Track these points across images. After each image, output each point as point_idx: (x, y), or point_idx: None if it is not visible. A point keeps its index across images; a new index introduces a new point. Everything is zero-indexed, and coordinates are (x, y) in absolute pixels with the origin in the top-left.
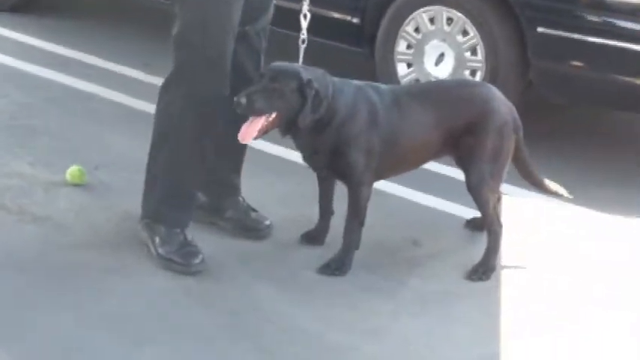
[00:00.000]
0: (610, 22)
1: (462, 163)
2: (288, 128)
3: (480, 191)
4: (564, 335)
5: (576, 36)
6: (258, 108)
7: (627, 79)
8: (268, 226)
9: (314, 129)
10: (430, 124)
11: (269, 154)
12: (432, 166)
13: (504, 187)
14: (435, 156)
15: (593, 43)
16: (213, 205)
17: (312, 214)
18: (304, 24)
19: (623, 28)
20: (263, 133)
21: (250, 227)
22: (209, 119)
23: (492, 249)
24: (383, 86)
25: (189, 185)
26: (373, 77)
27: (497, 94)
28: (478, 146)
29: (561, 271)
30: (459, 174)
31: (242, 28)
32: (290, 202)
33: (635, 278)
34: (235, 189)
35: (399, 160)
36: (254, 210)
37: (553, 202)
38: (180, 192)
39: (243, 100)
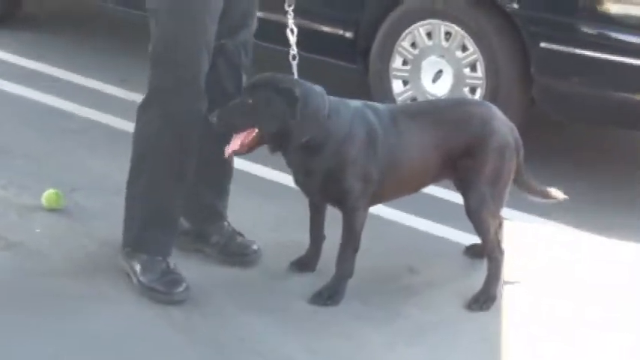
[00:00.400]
0: (616, 37)
1: (461, 187)
2: (276, 145)
3: (480, 216)
4: None
5: (581, 51)
6: (232, 124)
7: (634, 96)
8: (256, 251)
9: (307, 149)
10: (429, 146)
11: (257, 176)
12: (428, 189)
13: (504, 211)
14: (433, 179)
15: (599, 59)
16: (197, 231)
17: (302, 239)
18: (292, 39)
19: (630, 44)
20: (248, 150)
21: (236, 253)
22: (187, 140)
23: (493, 277)
24: (380, 106)
25: (170, 210)
26: (367, 95)
27: (497, 114)
28: (478, 168)
29: (562, 296)
30: (456, 197)
31: (218, 42)
32: (279, 226)
33: (634, 301)
34: (220, 215)
35: (397, 185)
36: (240, 234)
37: (553, 226)
38: (161, 217)
39: (214, 118)
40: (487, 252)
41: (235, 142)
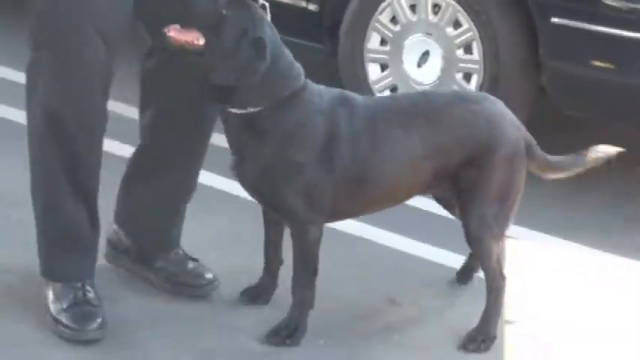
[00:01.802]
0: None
1: (459, 204)
2: (217, 93)
3: (483, 241)
4: None
5: (602, 29)
6: (190, 17)
7: None
8: (211, 282)
9: (249, 120)
10: (416, 154)
11: (210, 187)
12: (411, 201)
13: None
14: (419, 193)
15: (625, 38)
16: (139, 252)
17: (255, 264)
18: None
19: None
20: (178, 47)
21: (185, 283)
22: (73, 142)
23: (493, 310)
24: (358, 99)
25: (75, 228)
26: (335, 82)
27: (506, 112)
28: (482, 183)
29: (574, 334)
30: (445, 211)
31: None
32: (229, 247)
33: None
34: (167, 242)
35: (367, 199)
36: (193, 260)
37: (559, 245)
38: (66, 238)
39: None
40: (488, 281)
41: (178, 34)
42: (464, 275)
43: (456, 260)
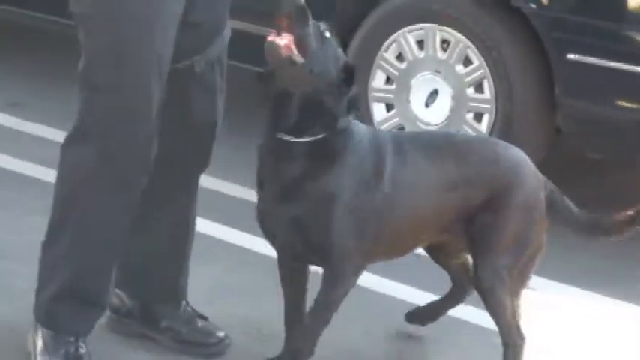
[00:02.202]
0: None
1: (472, 252)
2: (279, 104)
3: (495, 293)
4: None
5: (624, 66)
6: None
7: None
8: (222, 340)
9: (300, 150)
10: (445, 188)
11: (222, 240)
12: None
13: None
14: (436, 235)
15: None
16: (144, 311)
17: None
18: None
19: None
20: (287, 53)
21: (195, 342)
22: (129, 188)
23: None
24: (379, 130)
25: (98, 277)
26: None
27: (529, 162)
28: (497, 229)
29: None
30: None
31: (188, 59)
32: (228, 299)
33: None
34: (174, 293)
35: (392, 240)
36: (202, 317)
37: (582, 296)
38: (85, 285)
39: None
40: (502, 337)
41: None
42: (432, 315)
43: (468, 312)
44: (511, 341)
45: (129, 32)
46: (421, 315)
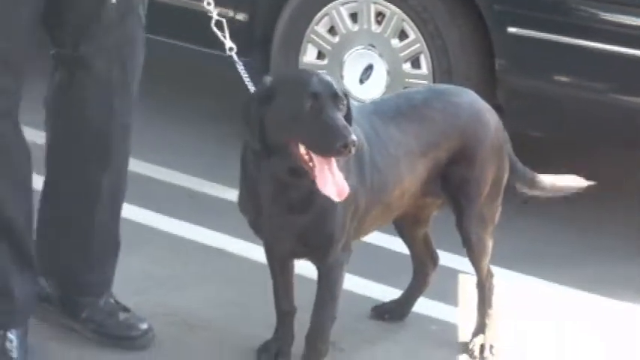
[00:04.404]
0: (615, 20)
1: (454, 207)
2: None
3: (483, 241)
4: None
5: (566, 39)
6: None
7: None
8: (145, 333)
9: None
10: (412, 152)
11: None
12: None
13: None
14: (416, 200)
15: (591, 50)
16: (62, 300)
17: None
18: (221, 34)
19: (635, 28)
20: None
21: (117, 335)
22: None
23: (489, 308)
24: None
25: None
26: None
27: (483, 101)
28: (475, 177)
29: None
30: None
31: (71, 49)
32: (154, 288)
33: None
34: (90, 287)
35: (374, 218)
36: (125, 310)
37: (524, 279)
38: None
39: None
40: (481, 280)
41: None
42: (400, 311)
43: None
44: (487, 284)
45: None
46: (388, 310)
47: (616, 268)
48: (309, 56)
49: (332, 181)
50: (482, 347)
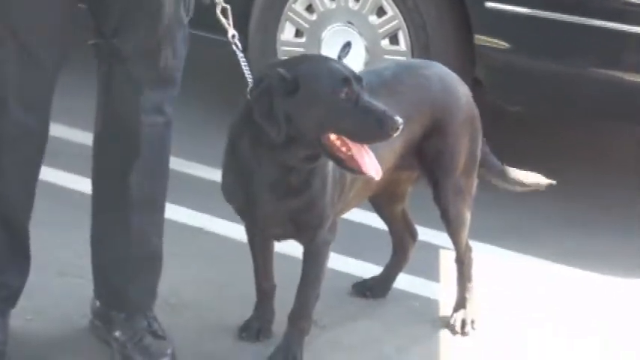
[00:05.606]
0: None
1: (431, 180)
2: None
3: (458, 211)
4: None
5: (545, 13)
6: None
7: (623, 75)
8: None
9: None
10: None
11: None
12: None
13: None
14: (393, 175)
15: (570, 24)
16: (104, 316)
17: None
18: (226, 22)
19: (614, 1)
20: None
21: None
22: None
23: (469, 282)
24: None
25: None
26: (244, 80)
27: (453, 74)
28: (450, 150)
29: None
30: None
31: (108, 40)
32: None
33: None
34: (124, 303)
35: (361, 189)
36: (153, 333)
37: (504, 254)
38: None
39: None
40: (459, 255)
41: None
42: (381, 288)
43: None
44: (466, 258)
45: None
46: (369, 287)
47: (596, 241)
48: (287, 34)
49: (370, 162)
50: (463, 322)
